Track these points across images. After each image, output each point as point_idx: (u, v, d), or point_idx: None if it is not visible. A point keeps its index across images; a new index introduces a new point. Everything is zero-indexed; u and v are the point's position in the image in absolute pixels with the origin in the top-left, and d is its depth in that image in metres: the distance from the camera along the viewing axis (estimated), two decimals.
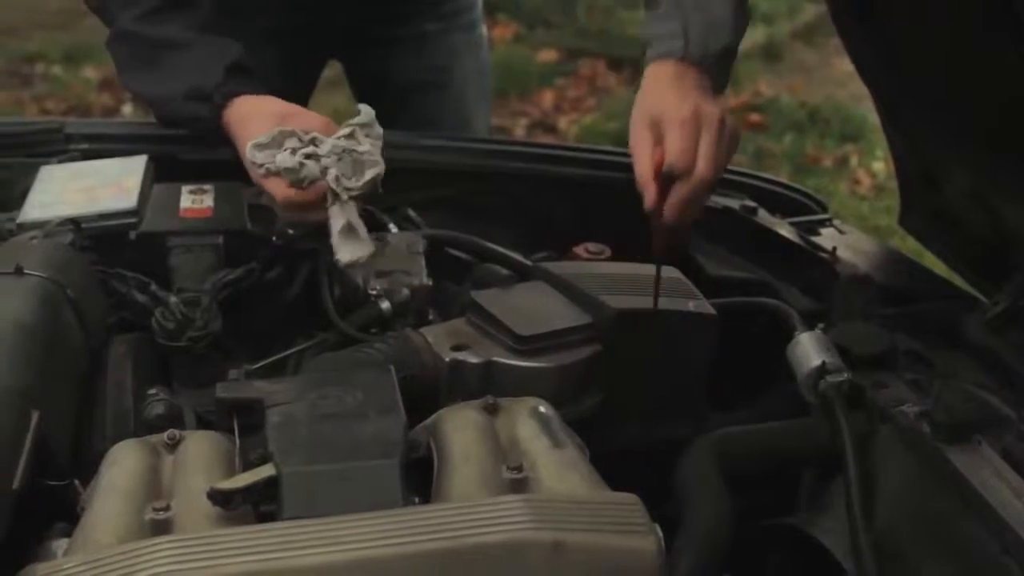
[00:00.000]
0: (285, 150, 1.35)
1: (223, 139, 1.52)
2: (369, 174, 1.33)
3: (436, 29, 2.10)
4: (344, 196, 1.33)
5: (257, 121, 1.43)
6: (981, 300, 1.48)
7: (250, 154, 1.37)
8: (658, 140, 1.28)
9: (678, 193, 1.26)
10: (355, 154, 1.33)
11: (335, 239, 1.33)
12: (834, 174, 4.56)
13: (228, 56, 1.56)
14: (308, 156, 1.34)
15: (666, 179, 1.23)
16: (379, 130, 1.36)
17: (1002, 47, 1.21)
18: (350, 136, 1.35)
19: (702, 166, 1.26)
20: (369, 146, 1.34)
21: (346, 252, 1.33)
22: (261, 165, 1.36)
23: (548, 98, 5.45)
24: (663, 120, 1.27)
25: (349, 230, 1.33)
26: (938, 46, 1.38)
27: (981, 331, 1.37)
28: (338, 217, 1.33)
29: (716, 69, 1.37)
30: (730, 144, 1.32)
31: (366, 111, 1.36)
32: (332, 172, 1.33)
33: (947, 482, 1.10)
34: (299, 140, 1.36)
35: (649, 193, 1.23)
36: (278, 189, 1.36)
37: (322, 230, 1.37)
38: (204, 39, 1.61)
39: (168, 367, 1.33)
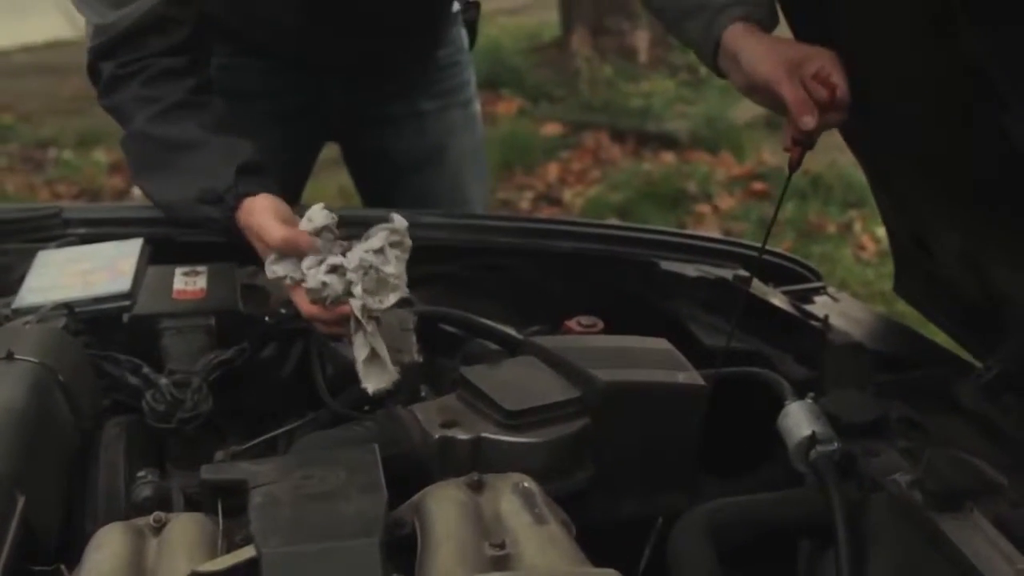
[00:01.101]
0: (309, 266, 1.31)
1: (239, 239, 1.50)
2: (392, 298, 1.30)
3: (433, 107, 2.13)
4: (368, 327, 1.29)
5: (270, 228, 1.39)
6: (975, 365, 1.47)
7: (269, 270, 1.35)
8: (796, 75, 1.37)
9: (834, 118, 1.38)
10: (381, 273, 1.29)
11: (360, 367, 1.30)
12: (838, 240, 4.57)
13: (239, 156, 1.53)
14: (333, 267, 1.30)
15: (824, 106, 1.35)
16: (408, 242, 1.32)
17: (987, 114, 1.22)
18: (379, 251, 1.30)
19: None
20: (394, 267, 1.30)
21: (372, 381, 1.30)
22: (283, 277, 1.34)
23: (553, 171, 5.50)
24: (810, 60, 1.36)
25: (373, 357, 1.30)
26: (924, 113, 1.39)
27: (975, 396, 1.37)
28: (362, 346, 1.30)
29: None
30: None
31: (399, 220, 1.32)
32: (357, 299, 1.28)
33: (940, 551, 1.08)
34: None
35: (812, 116, 1.34)
36: (303, 303, 1.34)
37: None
38: (216, 139, 1.59)
39: (161, 448, 1.33)
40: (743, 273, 1.71)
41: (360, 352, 1.29)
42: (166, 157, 1.60)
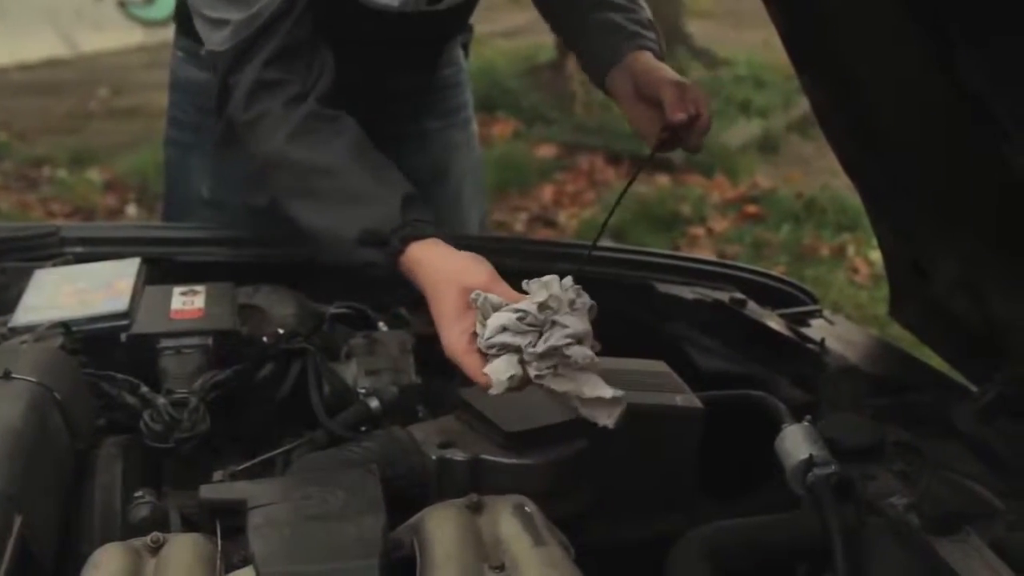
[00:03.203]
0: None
1: (402, 280, 1.38)
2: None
3: (437, 127, 2.14)
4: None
5: (448, 292, 1.26)
6: (971, 389, 1.48)
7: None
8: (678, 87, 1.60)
9: (692, 140, 1.60)
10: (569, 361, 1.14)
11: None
12: (832, 264, 4.59)
13: (397, 186, 1.43)
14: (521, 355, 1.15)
15: (689, 121, 1.56)
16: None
17: (987, 143, 1.23)
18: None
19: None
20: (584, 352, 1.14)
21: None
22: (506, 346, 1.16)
23: (548, 192, 5.52)
24: (690, 87, 1.60)
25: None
26: (923, 140, 1.40)
27: (971, 420, 1.37)
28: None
29: None
30: None
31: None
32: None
33: (936, 574, 1.09)
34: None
35: (683, 115, 1.55)
36: (472, 366, 1.19)
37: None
38: (362, 163, 1.48)
39: (158, 468, 1.33)
40: (739, 296, 1.72)
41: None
42: (312, 183, 1.48)
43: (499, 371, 1.15)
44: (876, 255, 4.47)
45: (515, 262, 1.84)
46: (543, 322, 1.15)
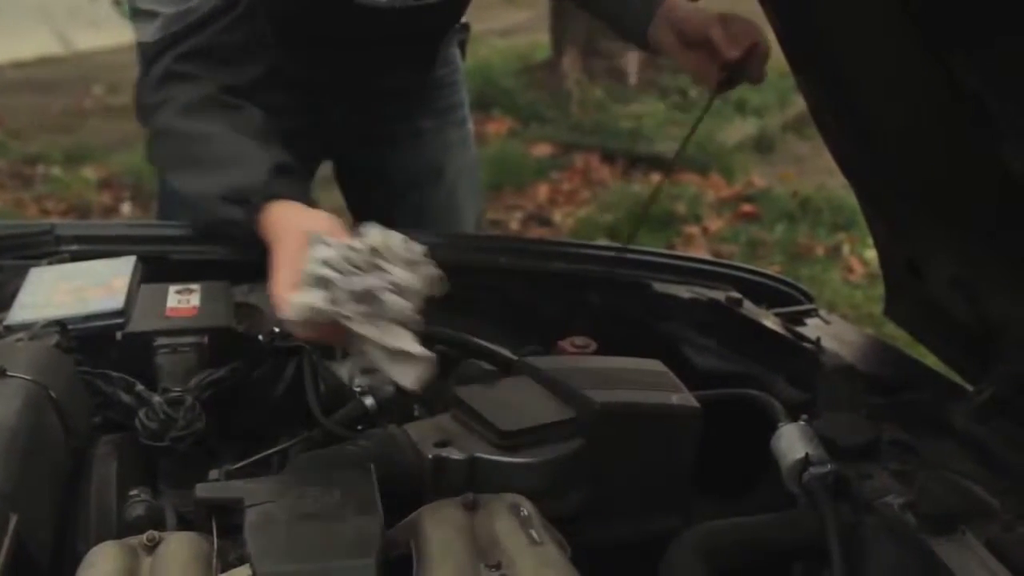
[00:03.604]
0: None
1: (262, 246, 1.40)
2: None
3: (431, 126, 2.14)
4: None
5: (291, 238, 1.29)
6: (967, 389, 1.48)
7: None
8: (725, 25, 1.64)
9: (754, 70, 1.63)
10: (385, 307, 1.11)
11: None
12: (827, 263, 4.59)
13: (272, 156, 1.47)
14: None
15: (747, 52, 1.60)
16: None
17: (984, 143, 1.23)
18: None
19: None
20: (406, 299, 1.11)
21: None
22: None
23: (543, 191, 5.52)
24: (736, 20, 1.63)
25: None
26: (920, 140, 1.40)
27: (967, 420, 1.37)
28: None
29: None
30: None
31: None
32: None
33: (932, 574, 1.09)
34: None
35: (737, 51, 1.59)
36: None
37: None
38: (245, 139, 1.55)
39: (154, 467, 1.33)
40: (735, 295, 1.72)
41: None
42: (193, 151, 1.55)
43: (301, 297, 1.11)
44: (871, 254, 4.47)
45: (511, 261, 1.85)
46: (368, 265, 1.12)
